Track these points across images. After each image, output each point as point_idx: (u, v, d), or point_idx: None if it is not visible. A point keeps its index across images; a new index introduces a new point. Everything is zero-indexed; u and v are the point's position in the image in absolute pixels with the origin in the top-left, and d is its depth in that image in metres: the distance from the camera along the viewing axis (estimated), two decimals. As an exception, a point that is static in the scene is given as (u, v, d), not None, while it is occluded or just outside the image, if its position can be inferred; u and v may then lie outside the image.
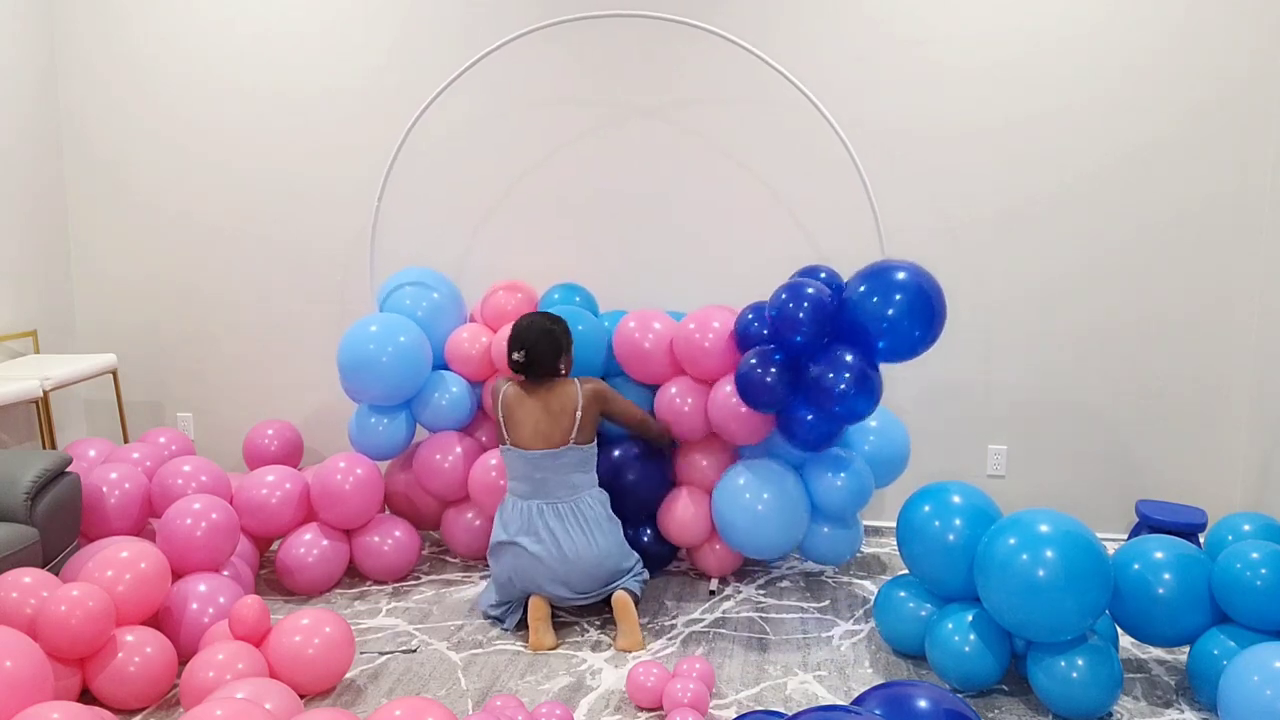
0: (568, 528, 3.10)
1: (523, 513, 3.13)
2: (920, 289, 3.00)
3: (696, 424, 3.44)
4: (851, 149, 3.57)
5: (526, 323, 3.20)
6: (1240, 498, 3.93)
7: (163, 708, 2.75)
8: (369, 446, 3.67)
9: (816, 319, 3.05)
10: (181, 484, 3.37)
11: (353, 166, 4.22)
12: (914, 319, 3.00)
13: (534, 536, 3.10)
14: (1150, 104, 3.78)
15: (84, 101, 4.40)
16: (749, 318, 3.33)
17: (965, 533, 2.81)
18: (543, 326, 3.18)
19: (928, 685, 1.91)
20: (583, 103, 4.10)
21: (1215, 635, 2.66)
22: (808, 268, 3.40)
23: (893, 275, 3.01)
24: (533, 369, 3.15)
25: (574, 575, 3.11)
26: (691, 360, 3.41)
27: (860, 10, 3.89)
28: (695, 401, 3.43)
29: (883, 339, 3.02)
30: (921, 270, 3.04)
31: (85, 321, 4.56)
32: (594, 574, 3.13)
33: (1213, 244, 3.83)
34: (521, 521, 3.12)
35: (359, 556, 3.57)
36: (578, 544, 3.09)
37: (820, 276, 3.31)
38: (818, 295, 3.07)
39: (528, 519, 3.12)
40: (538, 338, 3.15)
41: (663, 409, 3.48)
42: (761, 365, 3.15)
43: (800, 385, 3.14)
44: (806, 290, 3.08)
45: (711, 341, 3.36)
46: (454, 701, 2.78)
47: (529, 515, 3.12)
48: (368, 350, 3.53)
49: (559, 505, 3.12)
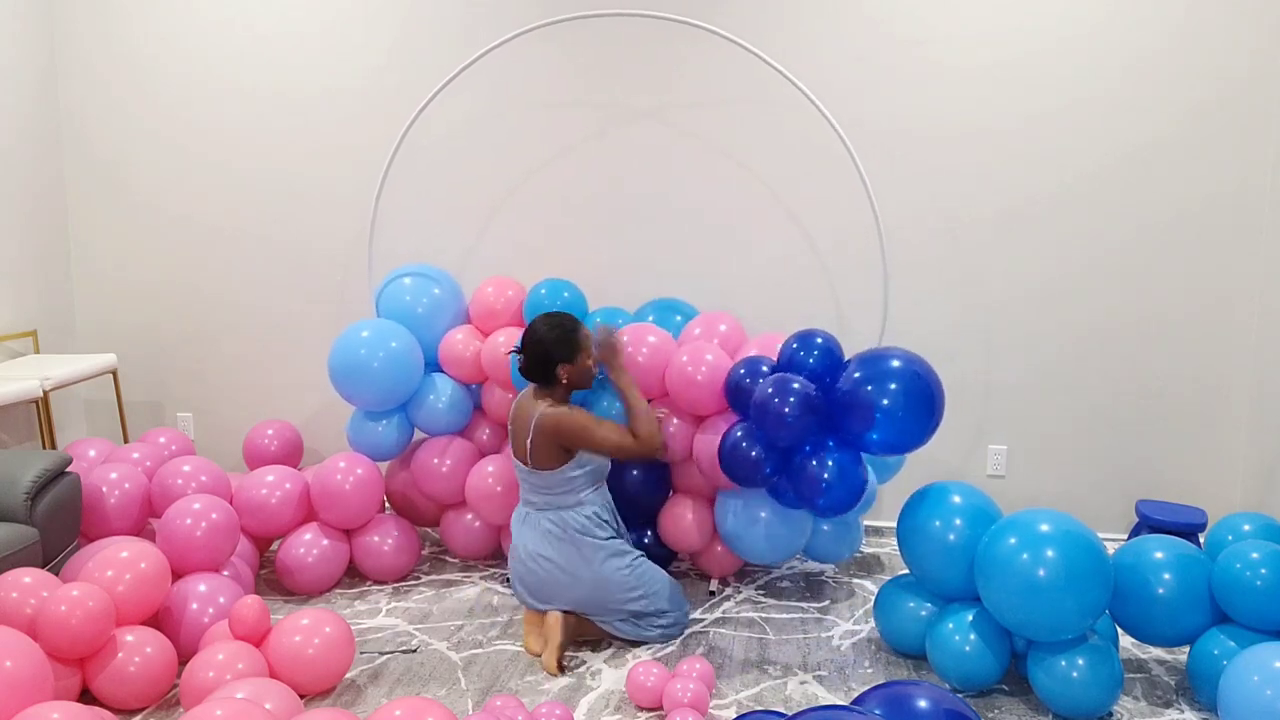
0: (531, 533, 3.08)
1: (516, 514, 3.19)
2: (918, 378, 2.92)
3: (684, 446, 3.42)
4: (851, 149, 3.57)
5: (530, 325, 3.10)
6: (1240, 498, 3.93)
7: (163, 708, 2.75)
8: (367, 448, 3.67)
9: (802, 421, 2.96)
10: (181, 484, 3.37)
11: (353, 166, 4.22)
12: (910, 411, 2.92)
13: (514, 538, 3.14)
14: (1150, 104, 3.78)
15: (84, 101, 4.40)
16: (741, 373, 3.22)
17: (965, 533, 2.81)
18: (535, 332, 3.05)
19: (928, 685, 1.91)
20: (582, 103, 4.09)
21: (1215, 635, 2.66)
22: (805, 332, 3.22)
23: (888, 364, 2.93)
24: (527, 375, 3.10)
25: (538, 585, 3.06)
26: (683, 393, 3.32)
27: (860, 10, 3.89)
28: (683, 426, 3.41)
29: (876, 431, 2.94)
30: (918, 360, 2.98)
31: (85, 321, 4.56)
32: (558, 589, 3.03)
33: (1213, 244, 3.82)
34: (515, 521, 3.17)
35: (359, 557, 3.57)
36: (533, 551, 3.05)
37: (818, 342, 3.15)
38: (804, 391, 2.97)
39: (516, 520, 3.17)
40: (529, 343, 3.05)
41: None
42: (747, 441, 3.09)
43: (787, 469, 3.08)
44: (792, 386, 2.97)
45: (704, 375, 3.27)
46: (454, 701, 2.78)
47: (516, 517, 3.17)
48: (359, 356, 3.53)
49: (531, 512, 3.10)
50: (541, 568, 3.04)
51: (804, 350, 3.14)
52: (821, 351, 3.13)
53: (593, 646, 3.09)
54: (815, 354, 3.13)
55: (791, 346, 3.19)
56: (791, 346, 3.19)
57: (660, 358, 3.38)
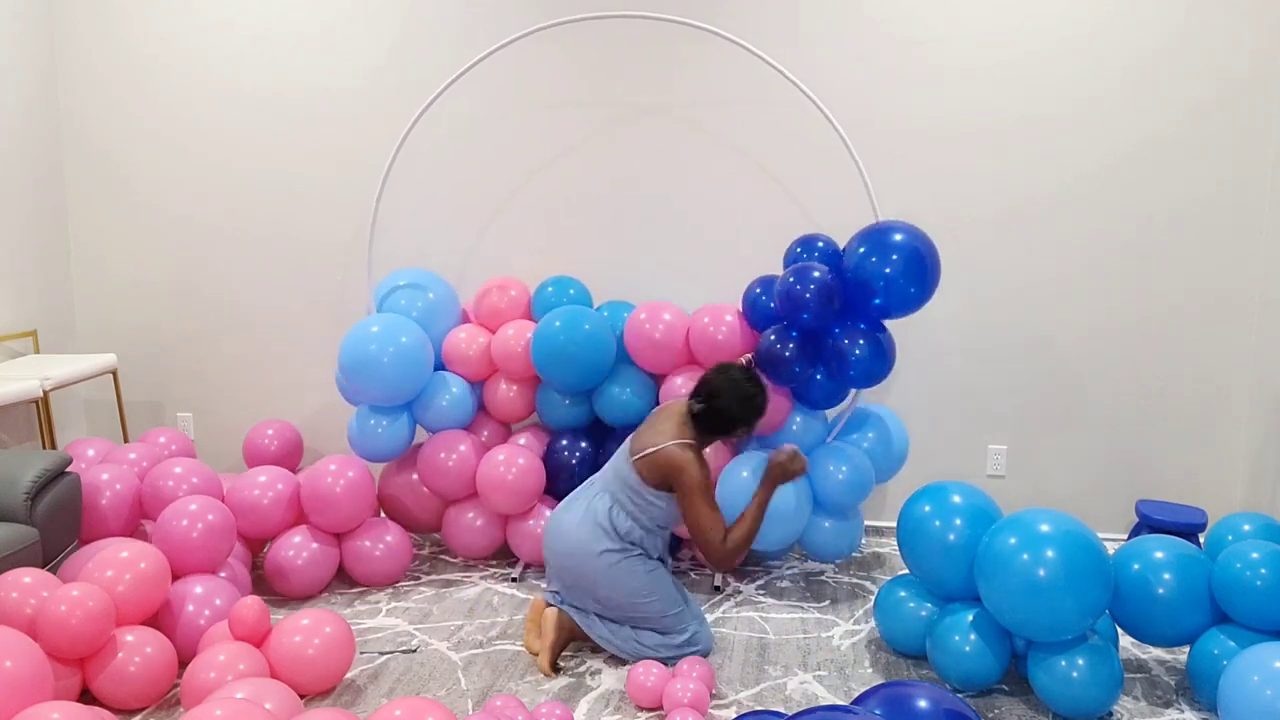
0: (575, 503, 3.02)
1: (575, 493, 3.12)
2: (915, 250, 3.26)
3: None
4: (852, 148, 3.57)
5: (732, 380, 2.93)
6: (1240, 498, 3.93)
7: (163, 708, 2.75)
8: (369, 448, 3.66)
9: (824, 298, 3.24)
10: (173, 485, 3.35)
11: (353, 167, 4.22)
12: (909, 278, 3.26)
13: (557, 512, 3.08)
14: (1150, 104, 3.78)
15: (84, 102, 4.40)
16: (757, 291, 3.51)
17: (966, 533, 2.81)
18: (739, 392, 2.91)
19: (928, 685, 1.91)
20: (583, 103, 4.10)
21: (1215, 635, 2.66)
22: (806, 237, 3.55)
23: (889, 237, 3.28)
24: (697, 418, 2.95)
25: (552, 558, 3.02)
26: (708, 352, 3.53)
27: (860, 10, 3.89)
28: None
29: (879, 296, 3.27)
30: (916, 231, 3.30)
31: (85, 321, 4.56)
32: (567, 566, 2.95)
33: (1213, 244, 3.83)
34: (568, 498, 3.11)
35: (349, 561, 3.54)
36: (561, 516, 3.01)
37: (819, 245, 3.49)
38: (823, 279, 3.25)
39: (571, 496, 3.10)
40: (725, 399, 2.91)
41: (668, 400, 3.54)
42: (780, 342, 3.33)
43: (820, 357, 3.37)
44: (813, 274, 3.26)
45: (725, 334, 3.51)
46: (454, 701, 2.78)
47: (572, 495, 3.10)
48: (369, 351, 3.52)
49: (594, 485, 3.05)
50: (555, 532, 2.99)
51: (806, 252, 3.49)
52: (826, 243, 3.50)
53: (593, 647, 3.09)
54: (816, 254, 3.47)
55: (795, 250, 3.54)
56: (795, 250, 3.54)
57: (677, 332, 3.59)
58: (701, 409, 2.93)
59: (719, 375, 2.97)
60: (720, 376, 2.96)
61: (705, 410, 2.93)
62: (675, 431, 2.92)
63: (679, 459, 2.86)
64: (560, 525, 3.00)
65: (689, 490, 2.86)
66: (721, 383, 2.94)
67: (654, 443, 2.91)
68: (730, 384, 2.94)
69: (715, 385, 2.94)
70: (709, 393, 2.94)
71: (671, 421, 2.97)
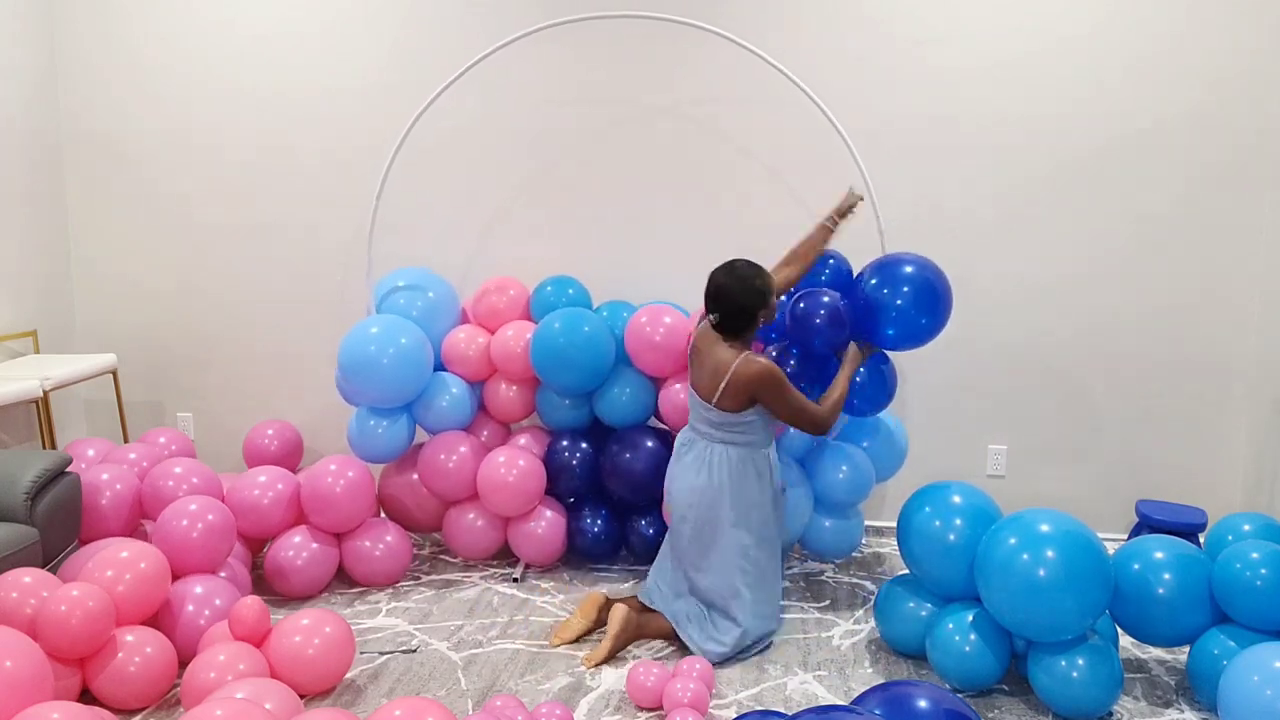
0: (682, 457, 3.12)
1: (678, 442, 3.20)
2: (928, 281, 3.21)
3: None
4: (853, 148, 3.57)
5: (721, 279, 3.04)
6: (1240, 498, 3.93)
7: (163, 708, 2.75)
8: (369, 449, 3.66)
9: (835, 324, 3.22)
10: (173, 485, 3.35)
11: (353, 166, 4.22)
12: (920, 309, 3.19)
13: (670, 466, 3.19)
14: (1150, 104, 3.78)
15: (84, 102, 4.40)
16: None
17: (965, 533, 2.81)
18: (728, 290, 3.01)
19: (928, 685, 1.91)
20: (582, 103, 4.09)
21: (1215, 635, 2.66)
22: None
23: (900, 269, 3.21)
24: (724, 330, 3.05)
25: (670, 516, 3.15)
26: None
27: (861, 10, 3.89)
28: None
29: (891, 327, 3.19)
30: (928, 263, 3.25)
31: (85, 321, 4.56)
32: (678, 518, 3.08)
33: (1213, 244, 3.83)
34: (674, 452, 3.20)
35: (349, 561, 3.54)
36: (676, 473, 3.11)
37: (829, 262, 3.47)
38: (833, 304, 3.23)
39: (676, 447, 3.19)
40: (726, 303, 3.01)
41: (666, 405, 3.54)
42: (780, 359, 3.33)
43: (821, 378, 3.31)
44: (823, 299, 3.23)
45: None
46: (454, 701, 2.78)
47: (678, 443, 3.19)
48: (368, 352, 3.51)
49: (697, 442, 3.10)
50: (675, 487, 3.10)
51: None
52: (837, 260, 3.50)
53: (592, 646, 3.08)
54: (826, 272, 3.47)
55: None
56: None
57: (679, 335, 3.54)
58: (718, 314, 3.02)
59: (717, 275, 3.05)
60: (719, 275, 3.05)
61: (723, 313, 3.01)
62: (727, 351, 2.99)
63: (754, 369, 2.93)
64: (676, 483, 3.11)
65: (776, 386, 2.95)
66: (722, 278, 3.03)
67: (721, 375, 2.97)
68: (729, 275, 3.02)
69: (717, 286, 3.03)
70: (714, 295, 3.03)
71: (715, 350, 3.02)
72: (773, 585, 3.14)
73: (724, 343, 3.02)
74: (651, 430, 3.65)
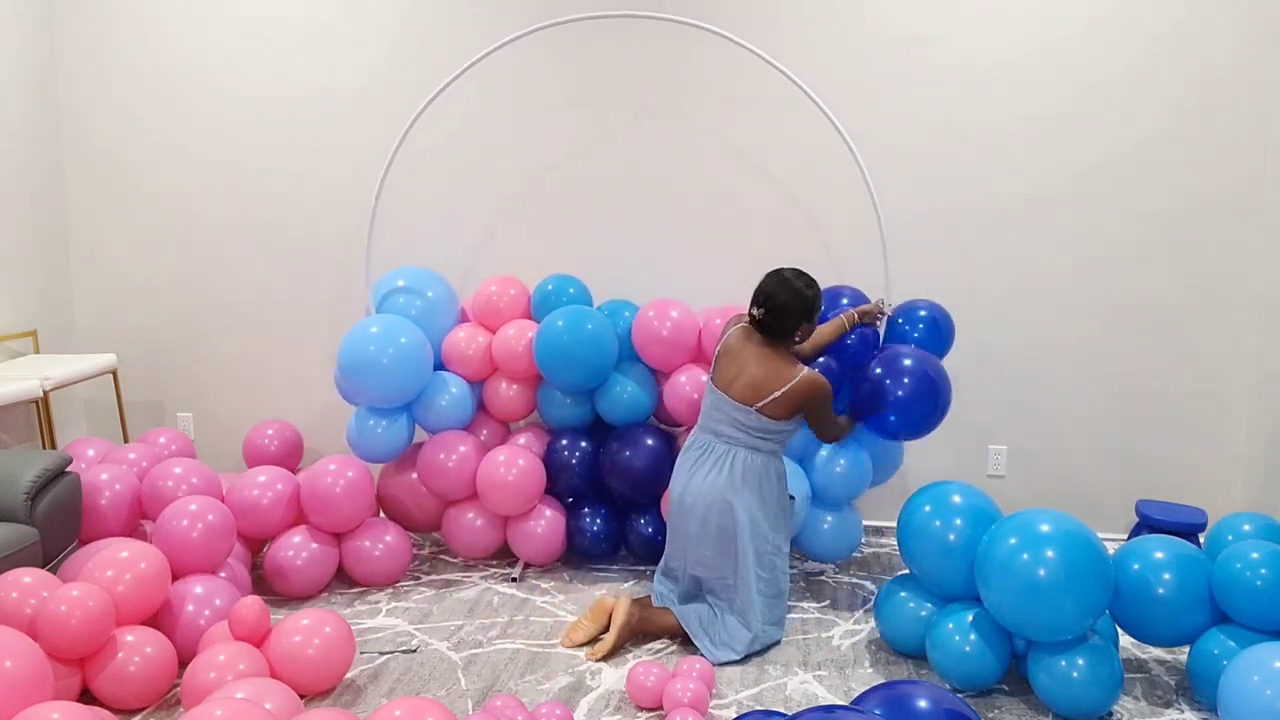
0: (702, 461, 3.09)
1: (689, 444, 3.17)
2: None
3: None
4: (853, 147, 3.57)
5: (775, 281, 3.05)
6: (1240, 498, 3.93)
7: (163, 708, 2.75)
8: (368, 449, 3.65)
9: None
10: (172, 486, 3.34)
11: (353, 166, 4.22)
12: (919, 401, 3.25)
13: (681, 469, 3.14)
14: (1150, 104, 3.78)
15: (84, 101, 4.40)
16: None
17: (965, 533, 2.81)
18: (790, 289, 3.02)
19: (928, 685, 1.91)
20: (581, 103, 4.09)
21: (1215, 635, 2.66)
22: (830, 289, 3.52)
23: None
24: (768, 329, 3.05)
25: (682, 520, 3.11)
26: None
27: (861, 10, 3.89)
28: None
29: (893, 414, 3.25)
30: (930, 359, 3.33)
31: (85, 321, 4.56)
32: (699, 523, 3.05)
33: (1213, 243, 3.83)
34: (684, 455, 3.17)
35: (349, 561, 3.54)
36: (695, 477, 3.08)
37: (843, 302, 3.51)
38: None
39: (688, 450, 3.16)
40: (783, 300, 3.01)
41: (671, 396, 3.56)
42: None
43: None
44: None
45: None
46: (454, 701, 2.78)
47: (690, 446, 3.16)
48: (368, 352, 3.51)
49: (716, 445, 3.09)
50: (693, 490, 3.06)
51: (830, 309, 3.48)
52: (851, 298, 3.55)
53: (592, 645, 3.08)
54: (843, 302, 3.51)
55: None
56: None
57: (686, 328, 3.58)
58: (769, 315, 3.02)
59: (774, 278, 3.06)
60: (772, 281, 3.06)
61: (776, 315, 3.01)
62: (782, 362, 3.02)
63: (812, 384, 3.00)
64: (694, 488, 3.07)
65: (825, 401, 3.05)
66: (774, 286, 3.04)
67: (774, 384, 2.98)
68: (782, 283, 3.04)
69: (769, 290, 3.04)
70: (769, 296, 3.03)
71: (763, 357, 3.03)
72: (784, 591, 3.16)
73: (770, 348, 3.05)
74: (652, 428, 3.65)
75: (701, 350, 3.66)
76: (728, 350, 3.11)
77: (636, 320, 3.66)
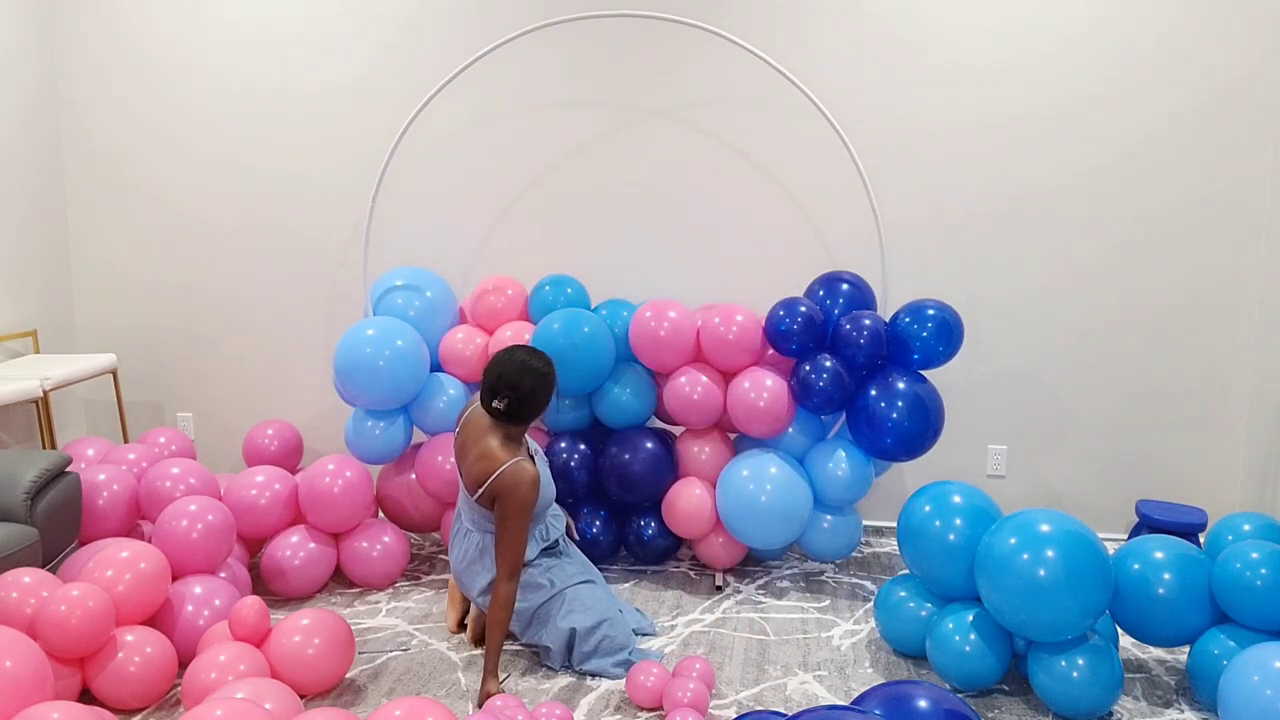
0: (461, 547, 3.06)
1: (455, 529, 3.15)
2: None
3: (705, 414, 3.51)
4: (851, 148, 3.57)
5: (520, 367, 2.79)
6: (1240, 498, 3.93)
7: (163, 708, 2.75)
8: (365, 450, 3.65)
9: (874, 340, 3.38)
10: (170, 486, 3.34)
11: (353, 166, 4.22)
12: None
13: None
14: (1150, 104, 3.79)
15: (84, 101, 4.40)
16: (781, 314, 3.44)
17: (965, 532, 2.81)
18: (531, 376, 2.79)
19: (928, 685, 1.91)
20: (583, 102, 4.09)
21: (1215, 635, 2.66)
22: (831, 275, 3.60)
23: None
24: (501, 417, 2.82)
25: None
26: (717, 351, 3.50)
27: (860, 10, 3.89)
28: (705, 391, 3.48)
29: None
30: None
31: (85, 321, 4.56)
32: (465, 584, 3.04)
33: (1213, 243, 3.83)
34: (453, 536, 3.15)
35: (346, 562, 3.53)
36: (460, 565, 3.05)
37: (843, 287, 3.55)
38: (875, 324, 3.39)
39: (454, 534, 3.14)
40: (521, 388, 2.78)
41: (671, 398, 3.54)
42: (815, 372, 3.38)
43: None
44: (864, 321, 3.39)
45: (735, 335, 3.47)
46: (454, 701, 2.78)
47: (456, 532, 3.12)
48: (364, 354, 3.51)
49: (464, 526, 3.05)
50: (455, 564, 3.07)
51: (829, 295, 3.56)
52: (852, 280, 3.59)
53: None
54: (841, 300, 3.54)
55: (817, 291, 3.60)
56: (817, 291, 3.60)
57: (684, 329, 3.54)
58: (509, 404, 2.77)
59: (508, 364, 2.78)
60: (510, 365, 2.78)
61: (514, 404, 2.77)
62: (496, 448, 2.79)
63: (512, 482, 2.74)
64: (459, 573, 3.06)
65: (514, 512, 2.73)
66: (515, 371, 2.77)
67: (487, 471, 2.78)
68: (523, 369, 2.78)
69: (509, 375, 2.77)
70: (510, 385, 2.76)
71: (479, 441, 2.84)
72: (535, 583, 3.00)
73: (497, 435, 2.82)
74: (651, 431, 3.64)
75: (701, 350, 3.65)
76: (462, 440, 2.92)
77: (633, 321, 3.62)
